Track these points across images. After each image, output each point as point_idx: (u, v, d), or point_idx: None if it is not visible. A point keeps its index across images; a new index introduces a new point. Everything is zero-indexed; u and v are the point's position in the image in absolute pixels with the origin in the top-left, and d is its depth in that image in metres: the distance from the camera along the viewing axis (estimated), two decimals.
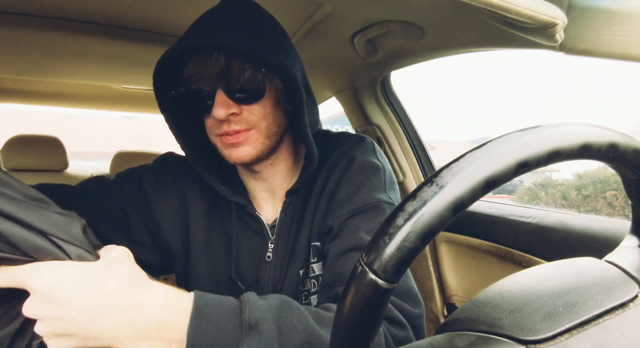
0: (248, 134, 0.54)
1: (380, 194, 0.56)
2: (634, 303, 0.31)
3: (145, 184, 0.63)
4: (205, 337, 0.36)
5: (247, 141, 0.54)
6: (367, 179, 0.57)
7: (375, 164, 0.59)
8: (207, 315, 0.37)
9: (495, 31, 0.67)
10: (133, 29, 0.87)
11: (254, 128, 0.54)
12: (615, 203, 5.33)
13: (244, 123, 0.53)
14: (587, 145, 0.28)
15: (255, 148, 0.55)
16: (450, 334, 0.31)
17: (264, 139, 0.55)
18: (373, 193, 0.56)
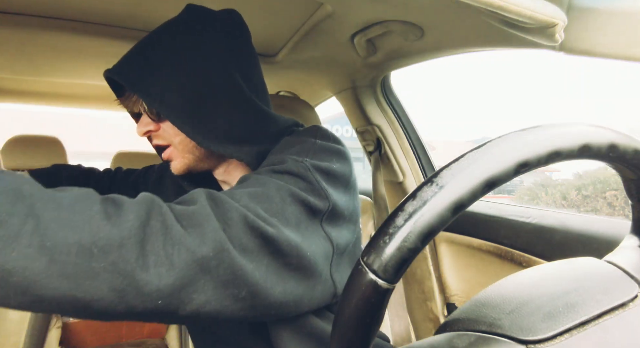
0: (170, 150, 0.60)
1: (291, 155, 0.52)
2: (634, 303, 0.31)
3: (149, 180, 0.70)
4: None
5: (171, 156, 0.60)
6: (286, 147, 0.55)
7: (302, 139, 0.56)
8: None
9: (495, 31, 0.67)
10: (133, 29, 0.87)
11: (172, 145, 0.60)
12: (615, 203, 5.33)
13: (160, 139, 0.60)
14: (587, 145, 0.28)
15: (180, 162, 0.60)
16: (450, 334, 0.31)
17: (185, 154, 0.59)
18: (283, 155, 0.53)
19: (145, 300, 0.33)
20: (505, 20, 0.56)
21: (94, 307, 0.31)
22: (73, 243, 0.30)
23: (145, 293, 0.33)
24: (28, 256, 0.29)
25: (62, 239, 0.30)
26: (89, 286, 0.31)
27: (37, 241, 0.29)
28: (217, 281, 0.37)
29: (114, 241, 0.32)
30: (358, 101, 1.21)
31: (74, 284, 0.30)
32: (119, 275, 0.32)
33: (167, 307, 0.34)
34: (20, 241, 0.29)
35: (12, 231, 0.29)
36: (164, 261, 0.34)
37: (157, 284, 0.33)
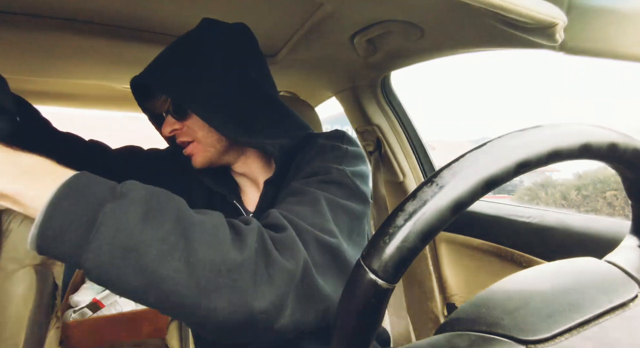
0: (193, 146, 0.66)
1: (332, 163, 0.59)
2: (634, 303, 0.31)
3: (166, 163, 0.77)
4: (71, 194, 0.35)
5: (194, 151, 0.66)
6: (322, 153, 0.62)
7: (334, 144, 0.63)
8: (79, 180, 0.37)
9: (495, 31, 0.67)
10: (133, 29, 0.87)
11: (195, 140, 0.66)
12: (615, 203, 5.33)
13: (185, 136, 0.66)
14: (587, 145, 0.28)
15: (202, 156, 0.66)
16: (450, 334, 0.31)
17: (208, 147, 0.66)
18: (325, 163, 0.59)
19: (253, 314, 0.39)
20: (505, 20, 0.56)
21: (211, 317, 0.38)
22: (209, 261, 0.38)
23: (253, 308, 0.39)
24: (177, 269, 0.36)
25: (202, 257, 0.37)
26: (213, 298, 0.37)
27: (185, 257, 0.37)
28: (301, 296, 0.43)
29: (237, 263, 0.39)
30: (358, 101, 1.21)
31: (202, 295, 0.37)
32: (236, 291, 0.38)
33: (266, 320, 0.40)
34: (174, 255, 0.36)
35: (170, 247, 0.37)
36: (267, 280, 0.40)
37: (262, 300, 0.39)
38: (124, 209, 0.36)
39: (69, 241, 0.35)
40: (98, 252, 0.35)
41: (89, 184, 0.37)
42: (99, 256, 0.35)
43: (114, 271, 0.35)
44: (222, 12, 0.79)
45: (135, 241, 0.36)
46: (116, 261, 0.35)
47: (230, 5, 0.77)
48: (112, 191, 0.37)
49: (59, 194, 0.35)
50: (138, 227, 0.36)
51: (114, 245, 0.35)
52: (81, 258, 0.35)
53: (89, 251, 0.34)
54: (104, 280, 0.35)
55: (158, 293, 0.36)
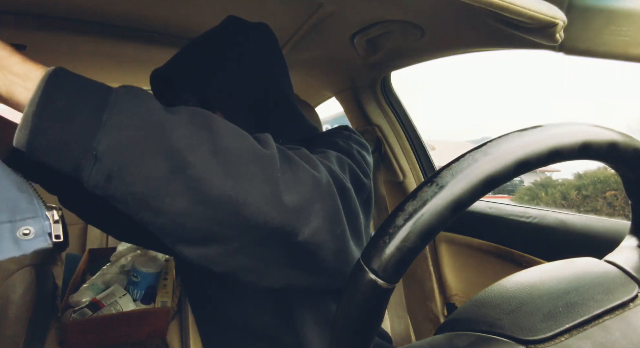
0: None
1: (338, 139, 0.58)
2: (634, 303, 0.31)
3: None
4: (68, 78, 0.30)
5: None
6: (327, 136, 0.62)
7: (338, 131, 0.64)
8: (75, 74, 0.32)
9: (495, 31, 0.67)
10: (133, 29, 0.87)
11: None
12: (615, 203, 5.33)
13: None
14: (587, 145, 0.28)
15: None
16: (450, 334, 0.31)
17: None
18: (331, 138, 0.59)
19: (280, 211, 0.35)
20: (505, 20, 0.55)
21: (243, 212, 0.34)
22: (236, 148, 0.35)
23: (283, 201, 0.36)
24: (205, 155, 0.32)
25: (229, 145, 0.34)
26: (244, 189, 0.34)
27: (210, 144, 0.33)
28: (325, 211, 0.40)
29: (265, 153, 0.36)
30: (358, 101, 1.21)
31: (233, 184, 0.33)
32: (267, 181, 0.35)
33: (291, 225, 0.37)
34: (200, 140, 0.32)
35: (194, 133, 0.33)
36: (293, 177, 0.38)
37: (291, 195, 0.36)
38: (137, 92, 0.32)
39: (76, 121, 0.28)
40: (117, 129, 0.29)
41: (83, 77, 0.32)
42: (118, 134, 0.29)
43: (135, 152, 0.29)
44: (222, 12, 0.79)
45: (160, 120, 0.31)
46: (138, 140, 0.29)
47: (231, 5, 0.77)
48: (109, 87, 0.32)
49: (56, 73, 0.29)
50: (159, 108, 0.32)
51: (136, 122, 0.30)
52: (93, 140, 0.28)
53: (105, 129, 0.29)
54: (120, 165, 0.29)
55: (184, 181, 0.31)
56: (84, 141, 0.28)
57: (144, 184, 0.30)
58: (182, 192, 0.31)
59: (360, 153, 0.58)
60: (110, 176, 0.30)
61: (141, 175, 0.30)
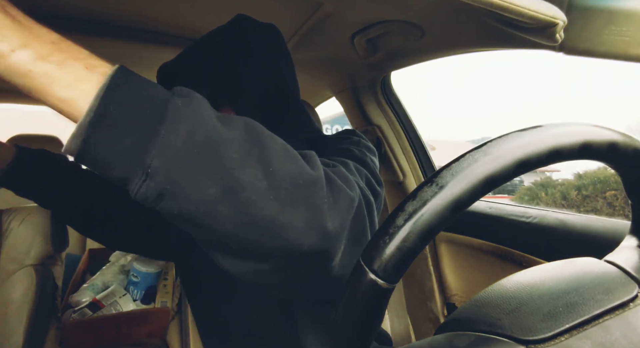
0: None
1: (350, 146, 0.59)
2: (634, 303, 0.31)
3: None
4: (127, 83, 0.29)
5: None
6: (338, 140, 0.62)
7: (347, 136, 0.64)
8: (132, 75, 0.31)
9: (495, 31, 0.67)
10: (133, 29, 0.87)
11: None
12: (615, 203, 5.33)
13: None
14: (587, 145, 0.28)
15: None
16: (450, 334, 0.31)
17: None
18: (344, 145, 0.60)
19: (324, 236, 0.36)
20: (505, 20, 0.55)
21: (286, 235, 0.34)
22: (287, 172, 0.34)
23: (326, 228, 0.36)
24: (257, 177, 0.32)
25: (281, 167, 0.34)
26: (290, 213, 0.33)
27: (262, 165, 0.33)
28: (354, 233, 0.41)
29: (313, 178, 0.36)
30: (358, 101, 1.21)
31: (281, 208, 0.33)
32: (312, 208, 0.35)
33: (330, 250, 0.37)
34: (252, 161, 0.32)
35: (247, 152, 0.32)
36: (334, 203, 0.38)
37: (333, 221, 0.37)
38: (196, 105, 0.31)
39: (131, 134, 0.27)
40: (172, 147, 0.28)
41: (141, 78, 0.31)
42: (173, 153, 0.28)
43: (188, 172, 0.29)
44: (222, 12, 0.79)
45: (214, 140, 0.30)
46: (193, 160, 0.29)
47: (231, 5, 0.77)
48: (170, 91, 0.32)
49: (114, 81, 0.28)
50: (216, 125, 0.31)
51: (191, 142, 0.29)
52: (147, 156, 0.28)
53: (160, 146, 0.28)
54: (172, 184, 0.29)
55: (234, 204, 0.31)
56: (137, 156, 0.28)
57: (195, 205, 0.30)
58: (231, 214, 0.31)
59: (373, 161, 0.59)
60: (161, 195, 0.29)
61: (194, 196, 0.30)
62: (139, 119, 0.28)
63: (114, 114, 0.27)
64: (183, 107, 0.30)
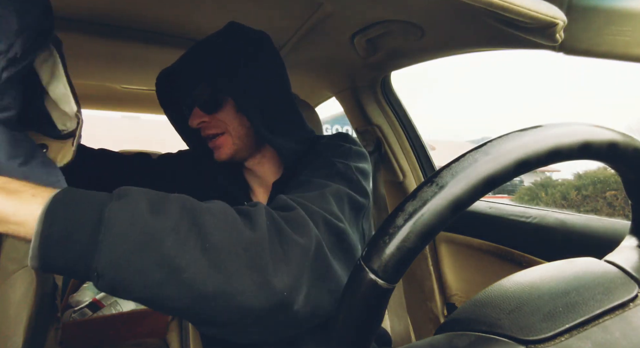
0: (224, 138, 0.68)
1: (337, 158, 0.61)
2: (634, 303, 0.31)
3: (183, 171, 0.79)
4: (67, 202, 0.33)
5: (223, 142, 0.68)
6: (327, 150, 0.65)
7: (339, 143, 0.67)
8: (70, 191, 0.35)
9: (495, 31, 0.67)
10: (133, 29, 0.87)
11: (226, 132, 0.68)
12: (615, 203, 5.33)
13: (215, 128, 0.68)
14: (587, 145, 0.28)
15: (230, 148, 0.68)
16: (450, 334, 0.31)
17: (236, 140, 0.68)
18: (330, 158, 0.62)
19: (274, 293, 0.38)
20: (505, 20, 0.55)
21: (236, 301, 0.36)
22: (224, 244, 0.37)
23: (274, 286, 0.38)
24: (196, 257, 0.35)
25: (217, 241, 0.37)
26: (235, 281, 0.36)
27: (200, 244, 0.36)
28: (314, 275, 0.42)
29: (252, 241, 0.39)
30: (358, 101, 1.21)
31: (225, 278, 0.36)
32: (256, 269, 0.37)
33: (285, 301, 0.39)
34: (189, 244, 0.35)
35: (184, 236, 0.35)
36: (283, 257, 0.40)
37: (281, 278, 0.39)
38: (129, 206, 0.35)
39: (76, 245, 0.32)
40: (112, 248, 0.33)
41: (82, 193, 0.35)
42: (114, 253, 0.32)
43: (131, 267, 0.33)
44: (222, 12, 0.79)
45: (150, 232, 0.34)
46: (134, 256, 0.33)
47: (231, 5, 0.77)
48: (108, 195, 0.36)
49: (55, 202, 0.33)
50: (149, 220, 0.35)
51: (129, 239, 0.33)
52: (93, 261, 0.32)
53: (101, 250, 0.32)
54: (120, 279, 0.33)
55: (179, 285, 0.34)
56: (85, 263, 0.33)
57: (144, 292, 0.34)
58: (179, 294, 0.35)
59: (360, 170, 0.61)
60: (114, 288, 0.34)
61: (140, 285, 0.34)
62: (79, 232, 0.33)
63: (57, 233, 0.32)
64: (117, 210, 0.34)
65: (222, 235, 0.37)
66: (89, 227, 0.33)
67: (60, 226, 0.32)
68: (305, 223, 0.44)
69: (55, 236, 0.32)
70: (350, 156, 0.63)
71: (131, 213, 0.34)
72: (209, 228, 0.37)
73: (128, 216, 0.34)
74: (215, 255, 0.36)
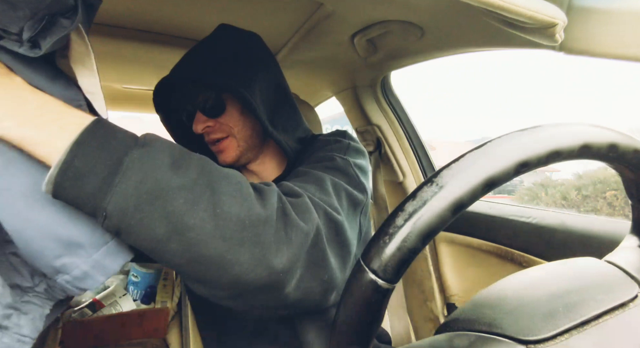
0: (228, 141, 0.68)
1: (336, 153, 0.62)
2: (634, 303, 0.31)
3: None
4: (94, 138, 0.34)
5: (228, 146, 0.68)
6: (326, 145, 0.66)
7: (337, 139, 0.67)
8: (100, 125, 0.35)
9: (495, 31, 0.67)
10: (133, 29, 0.87)
11: (230, 135, 0.68)
12: (615, 203, 5.33)
13: (220, 132, 0.67)
14: (587, 145, 0.28)
15: (235, 150, 0.68)
16: (450, 334, 0.31)
17: (241, 142, 0.68)
18: (329, 152, 0.62)
19: (271, 272, 0.39)
20: (505, 20, 0.55)
21: (233, 271, 0.37)
22: (234, 214, 0.37)
23: (273, 265, 0.39)
24: (203, 219, 0.35)
25: (228, 210, 0.37)
26: (236, 251, 0.37)
27: (211, 208, 0.36)
28: (311, 261, 0.43)
29: (261, 218, 0.39)
30: (358, 101, 1.21)
31: (227, 247, 0.36)
32: (259, 246, 0.38)
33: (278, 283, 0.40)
34: (201, 205, 0.36)
35: (196, 196, 0.36)
36: (286, 239, 0.41)
37: (281, 258, 0.39)
38: (151, 156, 0.35)
39: (91, 183, 0.33)
40: (124, 195, 0.33)
41: (111, 130, 0.35)
42: (125, 200, 0.33)
43: (138, 216, 0.34)
44: (221, 12, 0.79)
45: (163, 188, 0.35)
46: (142, 206, 0.34)
47: (231, 5, 0.77)
48: (134, 139, 0.36)
49: (82, 138, 0.33)
50: (165, 174, 0.35)
51: (141, 190, 0.34)
52: (103, 201, 0.33)
53: (113, 194, 0.33)
54: (126, 225, 0.34)
55: (182, 242, 0.35)
56: (96, 201, 0.33)
57: (147, 242, 0.35)
58: (179, 251, 0.35)
59: (358, 166, 0.61)
60: (118, 232, 0.35)
61: (144, 235, 0.34)
62: (98, 171, 0.33)
63: (77, 166, 0.32)
64: (138, 159, 0.35)
65: (234, 205, 0.38)
66: (107, 168, 0.33)
67: (81, 161, 0.33)
68: (309, 211, 0.45)
69: (74, 169, 0.32)
70: (349, 152, 0.64)
71: (150, 164, 0.35)
72: (223, 195, 0.38)
73: (147, 166, 0.35)
74: (223, 222, 0.36)
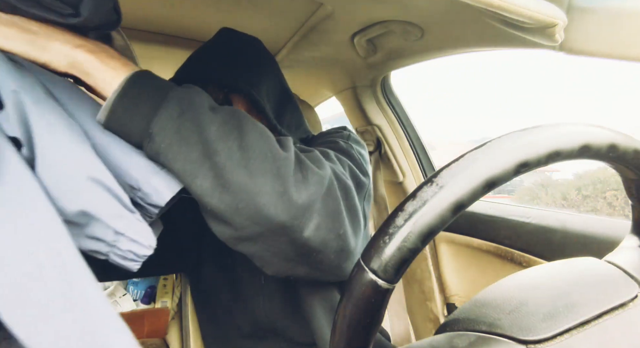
0: None
1: (338, 139, 0.64)
2: (634, 303, 0.31)
3: None
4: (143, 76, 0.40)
5: None
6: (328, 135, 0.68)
7: (337, 130, 0.69)
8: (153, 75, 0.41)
9: (495, 31, 0.67)
10: (134, 29, 0.87)
11: None
12: (615, 203, 5.33)
13: None
14: (587, 145, 0.28)
15: None
16: (450, 334, 0.31)
17: None
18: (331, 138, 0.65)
19: (289, 206, 0.41)
20: (505, 20, 0.56)
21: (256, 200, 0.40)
22: (258, 147, 0.41)
23: (293, 198, 0.41)
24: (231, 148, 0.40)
25: (253, 143, 0.41)
26: (259, 181, 0.40)
27: (238, 141, 0.41)
28: (327, 209, 0.45)
29: (282, 155, 0.43)
30: (358, 101, 1.21)
31: (250, 176, 0.40)
32: (280, 178, 0.41)
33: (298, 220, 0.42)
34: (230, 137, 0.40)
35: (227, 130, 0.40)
36: (303, 180, 0.43)
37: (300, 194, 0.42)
38: (192, 94, 0.41)
39: (141, 111, 0.38)
40: (167, 121, 0.39)
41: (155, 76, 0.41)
42: (167, 124, 0.38)
43: (177, 137, 0.38)
44: (221, 12, 0.79)
45: (201, 118, 0.40)
46: (182, 131, 0.39)
47: (230, 5, 0.77)
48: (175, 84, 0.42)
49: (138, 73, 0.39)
50: (203, 109, 0.40)
51: (182, 117, 0.39)
52: (151, 123, 0.38)
53: (157, 119, 0.38)
54: (166, 145, 0.38)
55: (211, 165, 0.39)
56: (144, 123, 0.39)
57: (182, 163, 0.39)
58: (208, 175, 0.39)
59: (360, 153, 0.62)
60: (158, 153, 0.39)
61: (180, 155, 0.39)
62: (148, 99, 0.39)
63: (132, 94, 0.38)
64: (180, 94, 0.41)
65: (259, 141, 0.42)
66: (156, 99, 0.39)
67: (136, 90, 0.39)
68: (322, 162, 0.48)
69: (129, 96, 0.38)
70: (350, 140, 0.65)
71: (191, 99, 0.41)
72: (250, 133, 0.42)
73: (187, 100, 0.40)
74: (248, 153, 0.40)
